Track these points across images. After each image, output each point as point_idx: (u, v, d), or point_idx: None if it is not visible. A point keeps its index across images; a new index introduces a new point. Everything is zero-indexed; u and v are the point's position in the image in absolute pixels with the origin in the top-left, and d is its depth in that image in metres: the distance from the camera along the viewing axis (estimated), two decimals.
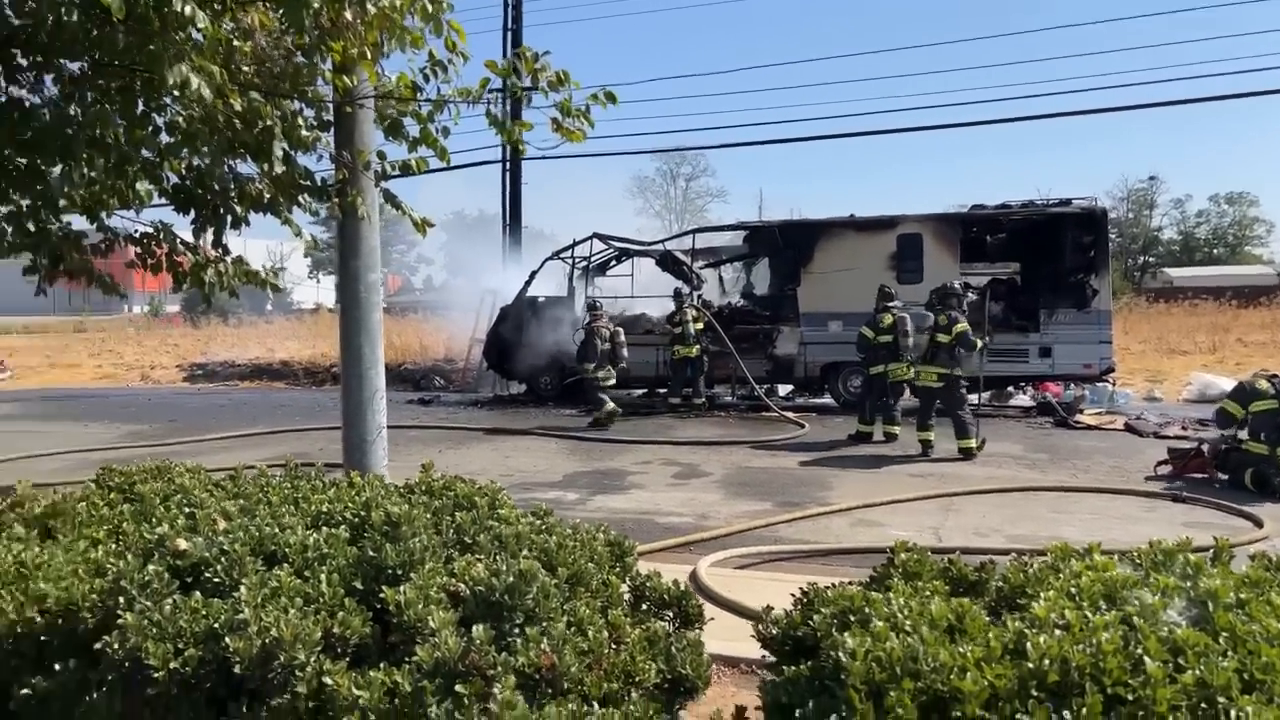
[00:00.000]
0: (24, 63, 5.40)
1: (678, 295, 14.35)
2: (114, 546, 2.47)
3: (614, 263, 17.33)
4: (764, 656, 2.65)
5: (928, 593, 2.18)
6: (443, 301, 28.93)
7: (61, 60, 5.31)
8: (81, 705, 2.02)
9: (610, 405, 12.88)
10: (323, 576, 2.11)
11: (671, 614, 2.67)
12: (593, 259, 16.45)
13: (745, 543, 6.58)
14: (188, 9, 3.78)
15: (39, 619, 2.16)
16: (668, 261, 15.76)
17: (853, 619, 1.95)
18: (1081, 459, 10.04)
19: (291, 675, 1.83)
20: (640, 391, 16.10)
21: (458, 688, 1.73)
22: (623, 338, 13.28)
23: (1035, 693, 1.60)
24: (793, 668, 2.05)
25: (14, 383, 23.41)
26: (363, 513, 2.51)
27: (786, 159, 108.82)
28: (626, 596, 2.65)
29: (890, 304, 11.18)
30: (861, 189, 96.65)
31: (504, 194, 20.74)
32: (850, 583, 2.35)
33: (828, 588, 2.26)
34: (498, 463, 10.06)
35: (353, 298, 4.90)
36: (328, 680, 1.83)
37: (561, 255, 16.05)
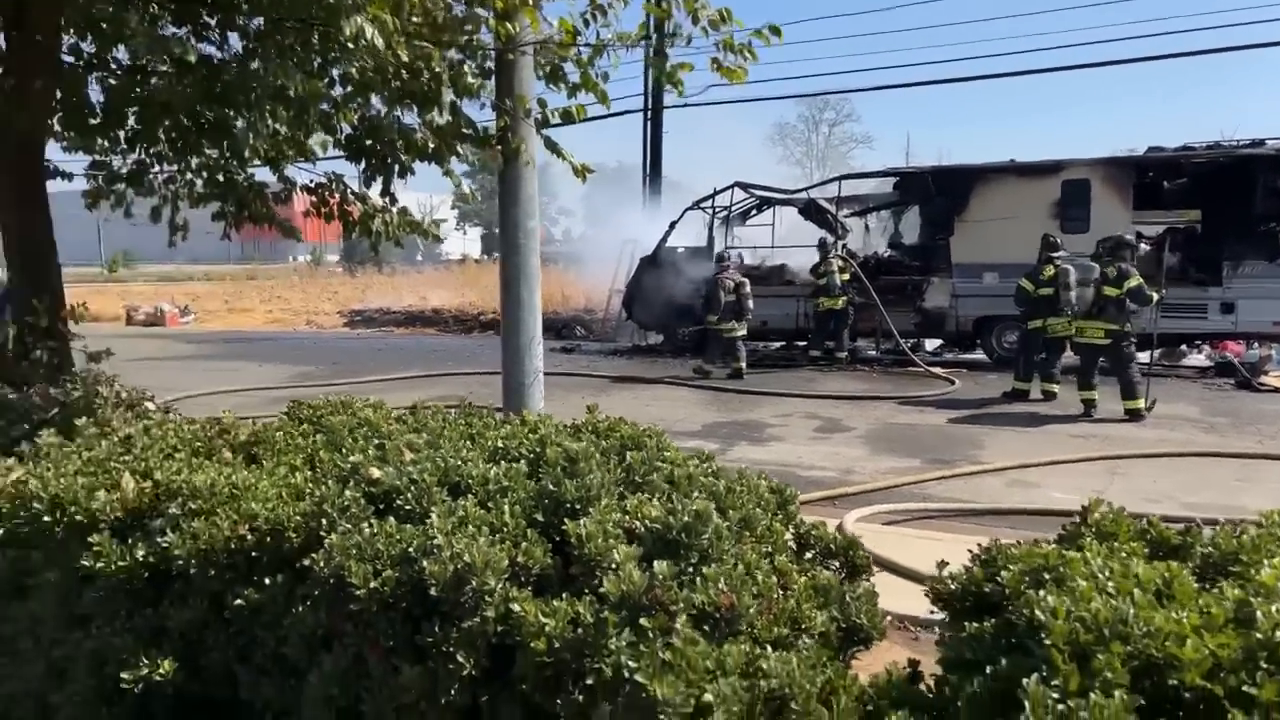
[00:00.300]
0: (210, 21, 5.76)
1: (823, 245, 13.96)
2: (310, 473, 2.64)
3: (755, 212, 17.05)
4: (931, 612, 2.59)
5: (1124, 554, 2.05)
6: (582, 252, 29.34)
7: (242, 18, 5.63)
8: (289, 616, 2.19)
9: (711, 366, 12.93)
10: (505, 508, 2.19)
11: (838, 564, 2.64)
12: (733, 208, 16.23)
13: (892, 499, 6.43)
14: None
15: (250, 536, 2.35)
16: (811, 210, 15.36)
17: (1047, 577, 1.86)
18: (1269, 424, 9.21)
19: (481, 600, 1.92)
20: (779, 344, 15.89)
21: (642, 621, 1.76)
22: (748, 289, 13.03)
23: (1265, 665, 1.47)
24: (975, 625, 1.98)
25: (197, 325, 25.52)
26: (538, 449, 2.59)
27: (935, 102, 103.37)
28: (790, 544, 2.62)
29: (1055, 254, 10.51)
30: (1016, 133, 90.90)
31: (645, 144, 20.71)
32: (1036, 541, 2.24)
33: (1012, 545, 2.16)
34: (637, 410, 10.18)
35: (512, 245, 5.01)
36: (515, 607, 1.91)
37: (702, 205, 15.92)
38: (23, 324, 4.82)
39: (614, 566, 1.98)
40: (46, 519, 2.59)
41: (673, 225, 15.82)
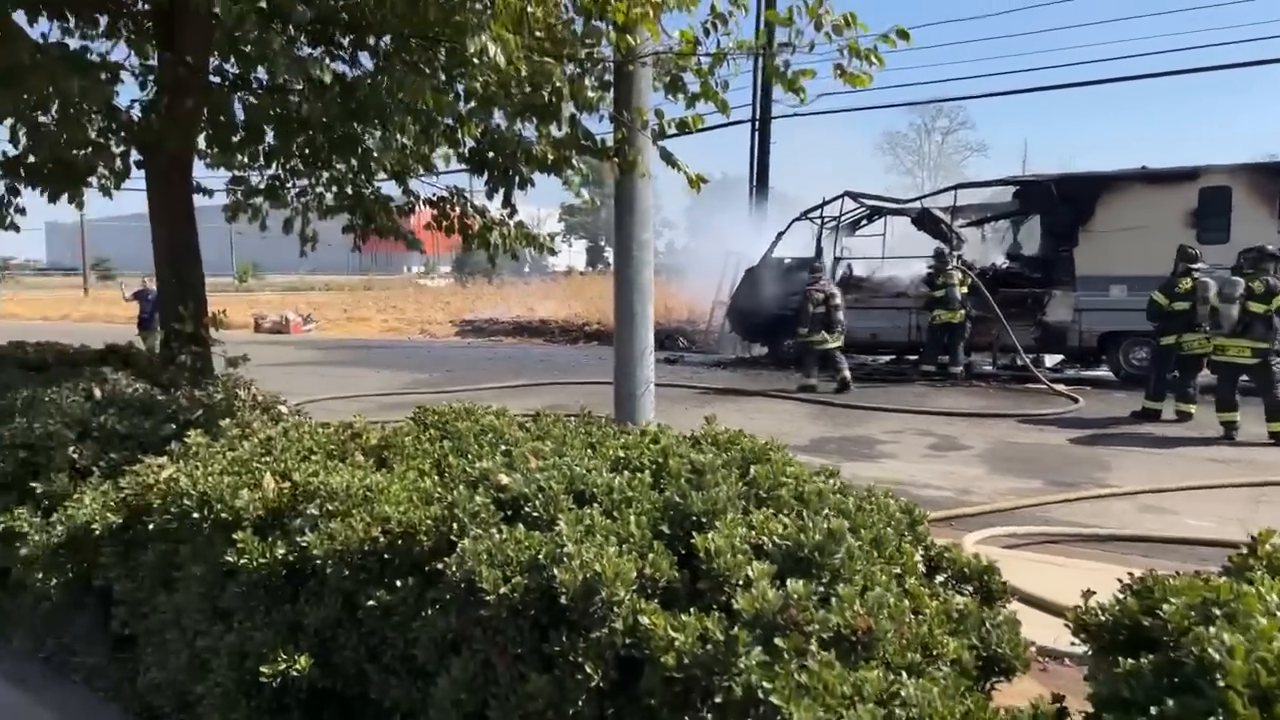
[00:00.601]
0: (343, 40, 6.03)
1: (940, 256, 13.51)
2: (438, 478, 2.69)
3: (864, 222, 16.70)
4: (1072, 644, 2.44)
5: None
6: (685, 264, 29.38)
7: (372, 38, 5.86)
8: (419, 619, 2.23)
9: (813, 379, 12.60)
10: (631, 518, 2.18)
11: (972, 588, 2.52)
12: (842, 218, 15.94)
13: (1012, 522, 6.13)
14: None
15: (382, 538, 2.41)
16: (925, 220, 14.92)
17: (1217, 613, 1.72)
18: None
19: (610, 611, 1.90)
20: (889, 358, 15.49)
21: (776, 641, 1.72)
22: (838, 300, 12.75)
23: None
24: (1130, 661, 1.84)
25: (318, 333, 26.74)
26: (660, 459, 2.57)
27: (1056, 107, 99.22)
28: (921, 567, 2.52)
29: (1193, 267, 9.87)
30: (1144, 139, 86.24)
31: (751, 154, 20.58)
32: (1196, 573, 2.08)
33: (1170, 576, 2.01)
34: (743, 423, 10.00)
35: (626, 255, 5.04)
36: (643, 620, 1.89)
37: (810, 215, 15.68)
38: (170, 330, 5.12)
39: (744, 583, 1.94)
40: (195, 515, 2.72)
41: (779, 236, 15.65)
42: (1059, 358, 14.32)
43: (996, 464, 8.14)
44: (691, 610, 1.94)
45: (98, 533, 3.02)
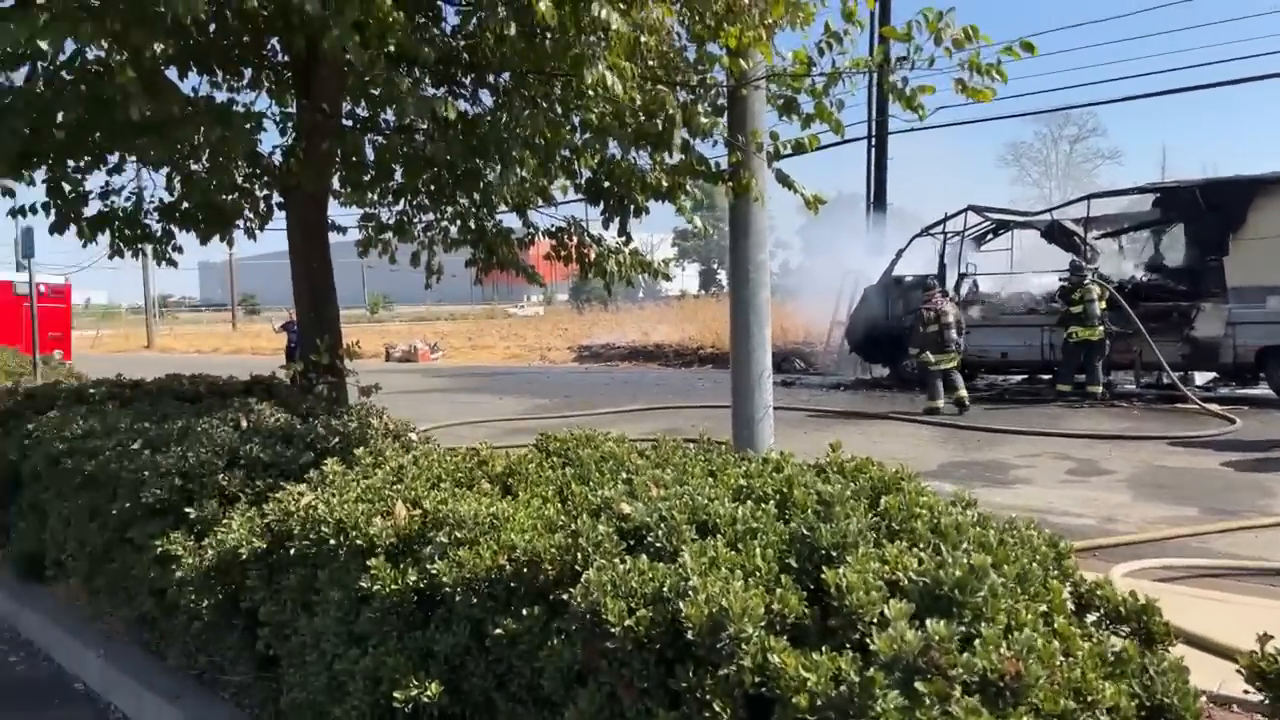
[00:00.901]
0: (464, 79, 6.25)
1: (1077, 269, 12.80)
2: (561, 505, 2.71)
3: (990, 236, 16.08)
4: (1246, 692, 2.23)
5: None
6: (800, 284, 29.01)
7: (492, 75, 6.06)
8: (545, 649, 2.23)
9: (938, 401, 12.08)
10: (756, 550, 2.12)
11: (1128, 629, 2.33)
12: (966, 233, 15.39)
13: (1164, 553, 5.69)
14: (604, 13, 4.04)
15: (508, 566, 2.43)
16: (1055, 232, 14.23)
17: None
18: None
19: (738, 647, 1.85)
20: (1020, 377, 14.79)
21: (917, 685, 1.62)
22: (951, 318, 12.24)
23: None
24: None
25: (444, 361, 27.73)
26: (783, 489, 2.50)
27: (1196, 111, 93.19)
28: (1069, 605, 2.35)
29: None
30: None
31: (868, 170, 20.18)
32: None
33: None
34: (866, 448, 9.71)
35: (742, 278, 5.00)
36: (773, 658, 1.82)
37: (932, 231, 15.23)
38: (308, 361, 5.39)
39: (877, 621, 1.85)
40: (332, 541, 2.83)
41: (899, 253, 15.25)
42: (1211, 375, 13.33)
43: (1143, 490, 7.61)
44: (823, 649, 1.86)
45: (244, 557, 3.18)
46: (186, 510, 3.68)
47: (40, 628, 4.68)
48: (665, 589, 2.03)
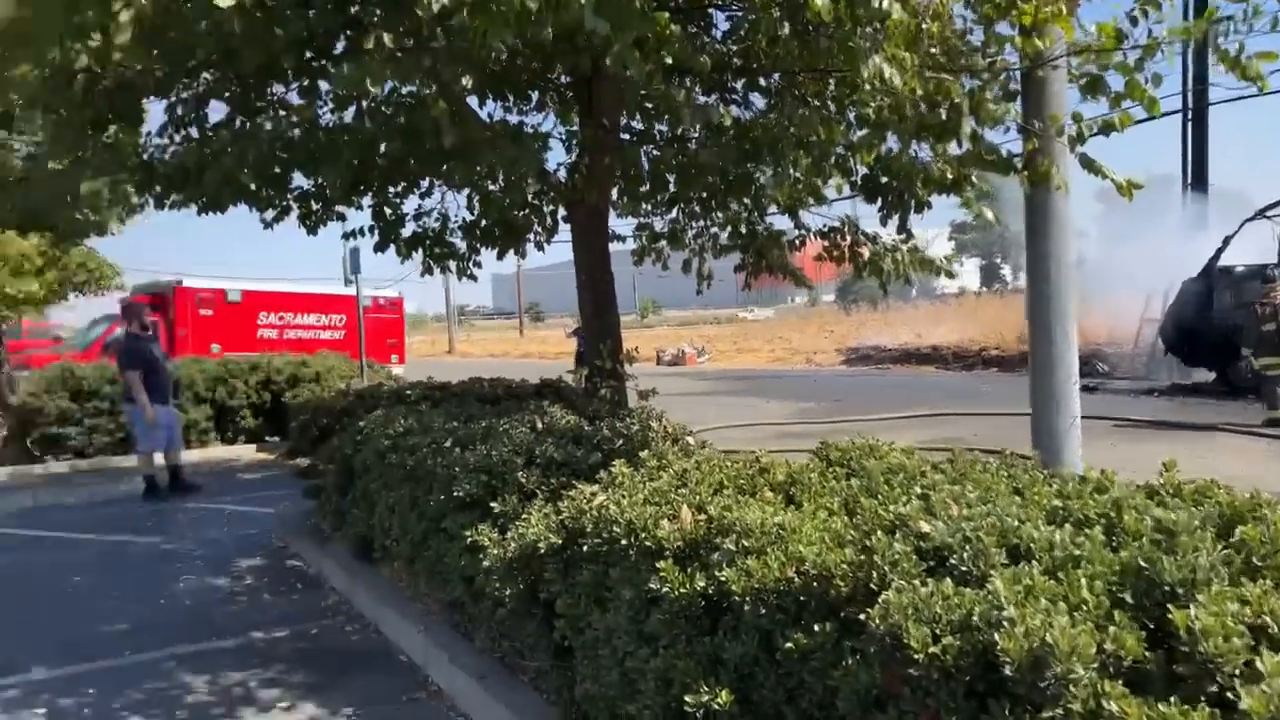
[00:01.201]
0: (736, 85, 6.29)
1: None
2: (847, 519, 2.60)
3: None
4: None
5: None
6: (1100, 278, 26.21)
7: (762, 77, 6.03)
8: (838, 668, 2.14)
9: (1275, 411, 10.20)
10: (1081, 581, 1.89)
11: None
12: None
13: None
14: (883, 3, 3.85)
15: (797, 579, 2.36)
16: None
17: None
18: None
19: (1065, 689, 1.66)
20: None
21: None
22: None
23: None
24: None
25: (711, 364, 28.24)
26: (1111, 513, 2.22)
27: None
28: None
29: None
30: None
31: (1184, 149, 17.82)
32: None
33: None
34: (1186, 464, 8.53)
35: (1041, 274, 4.55)
36: (1108, 704, 1.61)
37: (1269, 214, 13.11)
38: (592, 366, 5.68)
39: (1242, 674, 1.58)
40: (623, 541, 2.92)
41: (1227, 240, 13.27)
42: None
43: None
44: (1171, 700, 1.62)
45: (542, 551, 3.38)
46: (491, 504, 3.99)
47: (370, 604, 5.31)
48: (975, 617, 1.86)
